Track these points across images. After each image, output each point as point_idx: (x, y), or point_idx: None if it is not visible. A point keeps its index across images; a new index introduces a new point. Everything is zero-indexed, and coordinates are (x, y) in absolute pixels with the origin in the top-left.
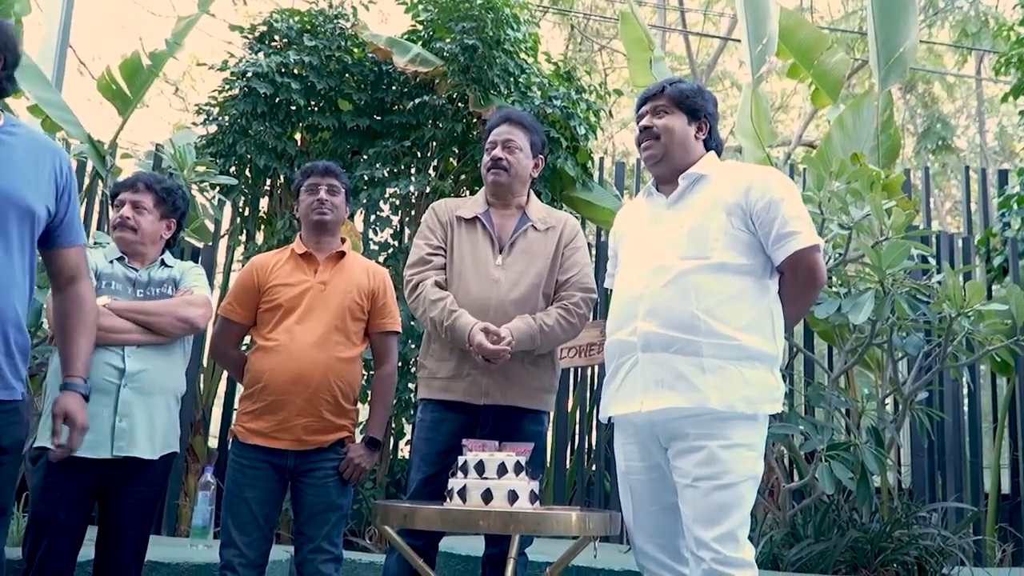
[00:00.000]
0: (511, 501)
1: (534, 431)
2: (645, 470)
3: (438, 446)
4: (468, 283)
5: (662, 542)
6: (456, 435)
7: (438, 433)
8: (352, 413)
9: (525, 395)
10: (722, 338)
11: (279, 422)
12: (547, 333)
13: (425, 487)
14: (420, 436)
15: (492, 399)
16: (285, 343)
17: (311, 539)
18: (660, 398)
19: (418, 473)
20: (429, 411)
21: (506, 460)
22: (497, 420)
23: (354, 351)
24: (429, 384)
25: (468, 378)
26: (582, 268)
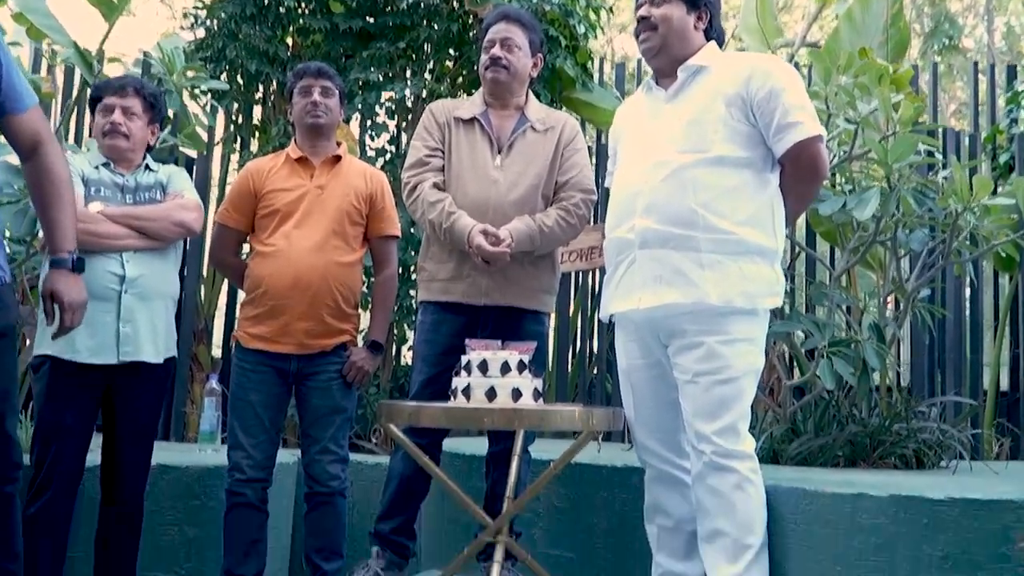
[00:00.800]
0: (515, 399)
1: (535, 331)
2: (646, 367)
3: (439, 347)
4: (466, 184)
5: (663, 437)
6: (456, 336)
7: (438, 335)
8: (353, 318)
9: (525, 295)
10: (720, 233)
11: (280, 327)
12: (547, 234)
13: (427, 388)
14: (421, 338)
15: (492, 299)
16: (283, 248)
17: (317, 441)
18: (658, 294)
19: (420, 375)
20: (429, 313)
21: (509, 359)
22: (497, 321)
23: (353, 256)
24: (428, 286)
25: (468, 279)
26: (581, 169)
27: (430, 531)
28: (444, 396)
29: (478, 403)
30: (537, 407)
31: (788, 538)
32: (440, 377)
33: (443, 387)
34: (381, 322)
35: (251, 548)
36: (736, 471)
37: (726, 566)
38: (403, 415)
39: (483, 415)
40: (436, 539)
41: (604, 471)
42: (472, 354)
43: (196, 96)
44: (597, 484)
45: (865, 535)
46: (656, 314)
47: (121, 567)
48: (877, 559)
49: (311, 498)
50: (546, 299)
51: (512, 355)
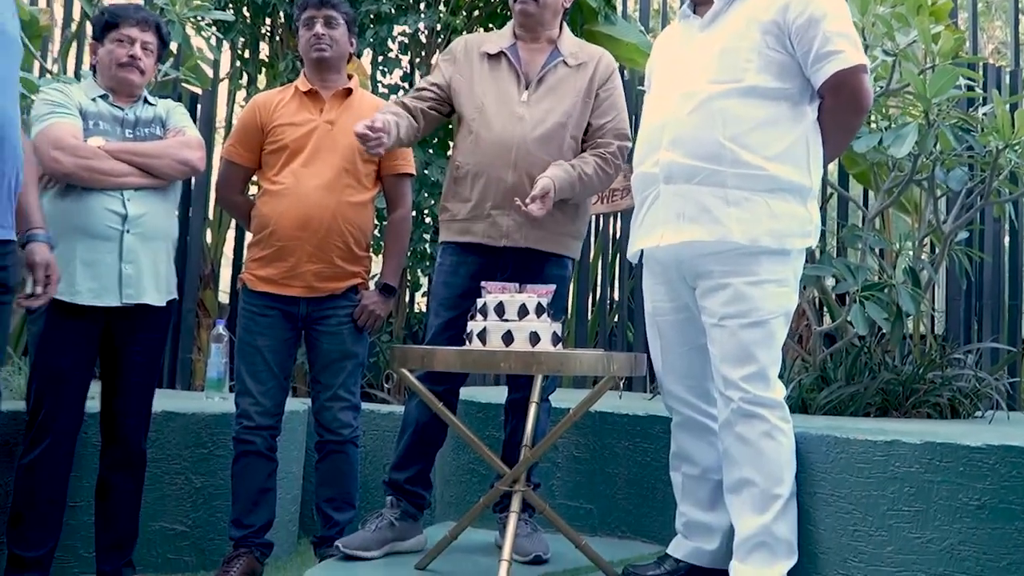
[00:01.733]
0: (532, 343)
1: (556, 275)
2: (673, 310)
3: (457, 290)
4: (490, 120)
5: (691, 383)
6: (475, 278)
7: (457, 276)
8: (365, 260)
9: (547, 238)
10: (749, 168)
11: (289, 268)
12: (585, 183)
13: (444, 333)
14: (439, 280)
15: (512, 241)
16: (291, 186)
17: (328, 387)
18: (680, 231)
19: (436, 318)
20: (448, 254)
21: (527, 302)
22: (518, 264)
23: (365, 195)
24: (449, 226)
25: (488, 219)
26: (619, 113)
27: (446, 481)
28: (461, 341)
29: (494, 347)
30: (556, 351)
31: (818, 488)
32: (457, 321)
33: (460, 332)
34: (394, 265)
35: (260, 497)
36: (765, 419)
37: (753, 516)
38: (416, 359)
39: (499, 359)
40: (452, 489)
41: (625, 419)
42: (488, 297)
43: (200, 28)
44: (618, 433)
45: (898, 484)
46: (681, 253)
47: (120, 515)
48: (911, 508)
49: (322, 447)
50: (571, 243)
51: (530, 298)
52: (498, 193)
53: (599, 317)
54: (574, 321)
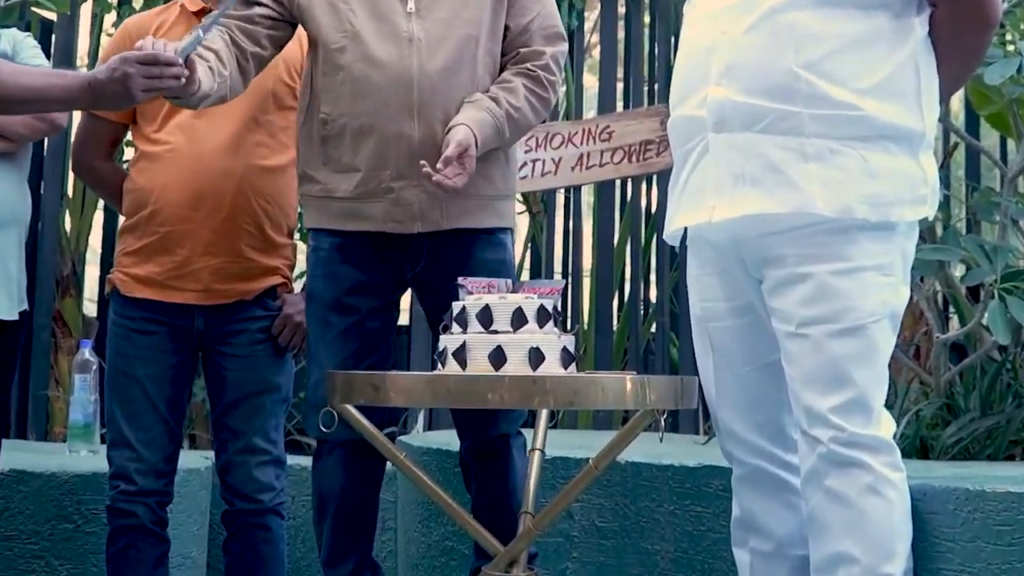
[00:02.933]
0: (534, 364)
1: (494, 261)
2: (731, 313)
3: (347, 284)
4: (368, 47)
5: (759, 419)
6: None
7: (346, 266)
8: (287, 249)
9: (476, 209)
10: (835, 107)
11: (178, 265)
12: (517, 120)
13: (343, 351)
14: (316, 273)
15: (430, 223)
16: (180, 146)
17: (238, 434)
18: (739, 200)
19: (324, 334)
20: (325, 245)
21: (524, 305)
22: (435, 253)
23: (284, 156)
24: (323, 207)
25: (389, 197)
26: (544, 6)
27: (412, 566)
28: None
29: (479, 370)
30: (568, 376)
31: (943, 561)
32: (361, 330)
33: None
34: None
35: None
36: (867, 466)
37: None
38: (365, 389)
39: (486, 388)
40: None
41: (668, 473)
42: (468, 299)
43: None
44: (658, 493)
45: None
46: (741, 232)
47: None
48: None
49: (233, 519)
50: (504, 209)
51: (529, 299)
52: (399, 156)
53: (629, 326)
54: (592, 332)
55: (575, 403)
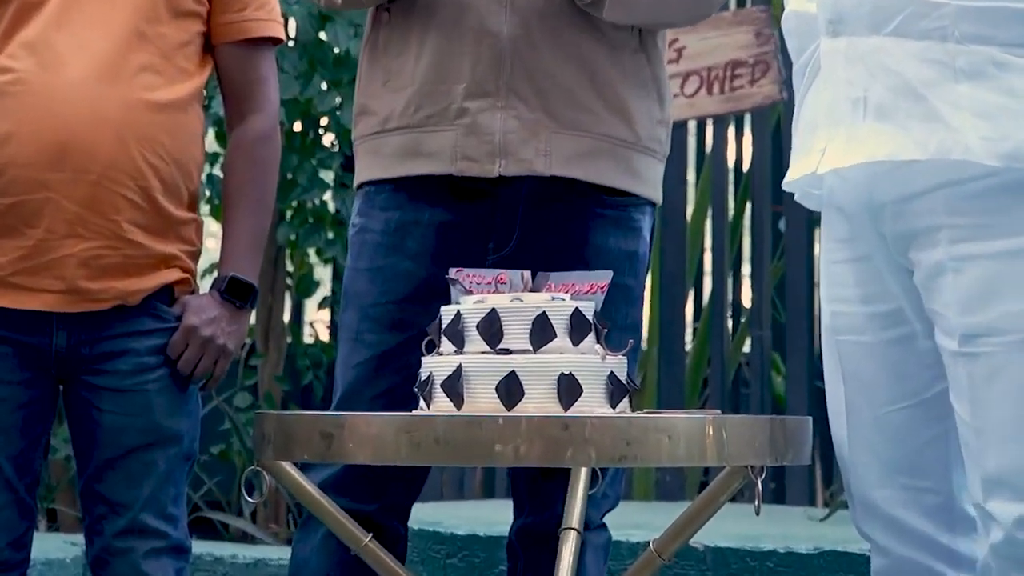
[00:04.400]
0: (567, 399)
1: (620, 250)
2: (871, 322)
3: (400, 284)
4: None
5: (915, 481)
6: (440, 258)
7: (399, 255)
8: (188, 229)
9: (598, 155)
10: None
11: (28, 253)
12: None
13: (373, 381)
14: (357, 266)
15: (521, 165)
16: (28, 75)
17: (118, 508)
18: (860, 140)
19: (356, 350)
20: (376, 209)
21: (550, 309)
22: (532, 220)
23: (184, 86)
24: (375, 148)
25: (461, 122)
26: None
27: None
28: (410, 399)
29: (482, 409)
30: (618, 417)
31: None
32: (401, 354)
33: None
34: (250, 238)
35: None
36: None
37: None
38: (311, 445)
39: (493, 436)
40: None
41: (771, 563)
42: (464, 301)
43: None
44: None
45: None
46: (875, 189)
47: None
48: None
49: None
50: (645, 167)
51: (556, 302)
52: (479, 56)
53: (709, 342)
54: (654, 351)
55: (628, 458)
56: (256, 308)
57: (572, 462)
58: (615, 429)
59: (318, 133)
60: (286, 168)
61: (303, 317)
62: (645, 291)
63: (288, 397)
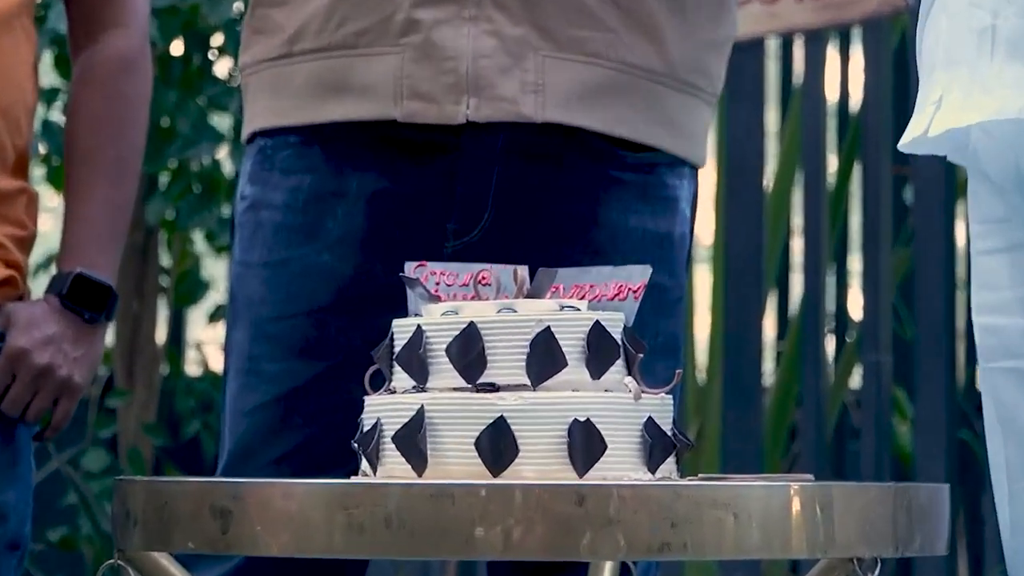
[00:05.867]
0: (583, 461)
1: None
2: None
3: (316, 288)
4: None
5: None
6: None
7: (313, 244)
8: (13, 203)
9: (608, 91)
10: None
11: None
12: None
13: (278, 436)
14: (250, 262)
15: (499, 106)
16: None
17: None
18: (985, 88)
19: (249, 393)
20: (278, 173)
21: (556, 324)
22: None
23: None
24: (275, 81)
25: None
26: None
27: None
28: (331, 460)
29: (452, 475)
30: (661, 484)
31: None
32: (319, 392)
33: (328, 429)
34: (105, 216)
35: None
36: None
37: None
38: (195, 527)
39: (473, 515)
40: None
41: None
42: (429, 312)
43: None
44: None
45: None
46: (1021, 150)
47: None
48: None
49: None
50: (688, 114)
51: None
52: None
53: (799, 371)
54: (716, 387)
55: (675, 547)
56: (116, 322)
57: (591, 554)
58: (655, 505)
59: (207, 58)
60: (160, 111)
61: (184, 336)
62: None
63: (164, 456)
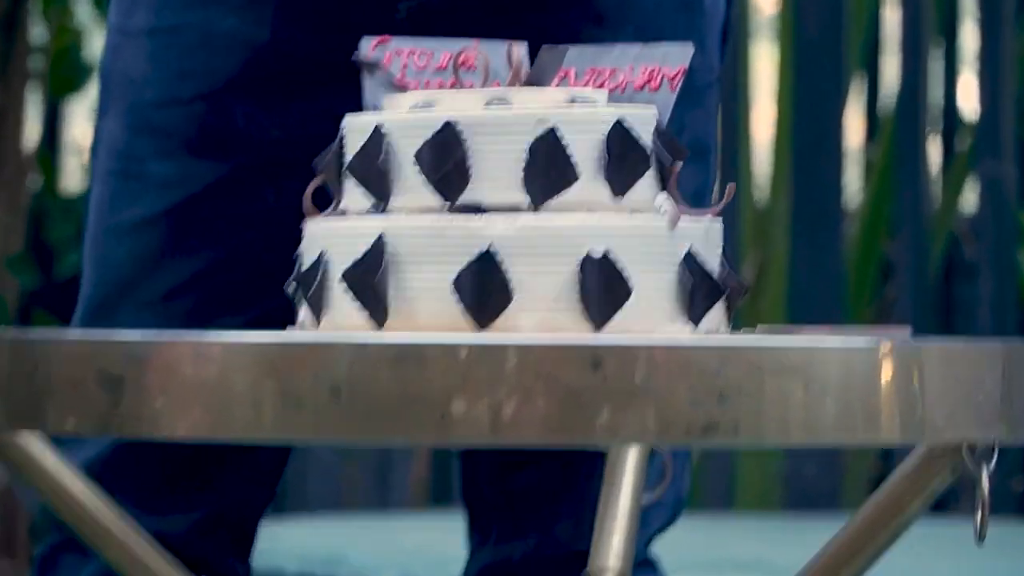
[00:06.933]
0: (600, 308)
1: None
2: None
3: (220, 62)
4: None
5: None
6: (306, 16)
7: (215, 4)
8: None
9: None
10: None
11: None
12: None
13: (168, 268)
14: (129, 29)
15: None
16: None
17: None
18: None
19: (126, 203)
20: None
21: (564, 125)
22: None
23: None
24: None
25: None
26: None
27: None
28: (250, 286)
29: (422, 326)
30: (705, 343)
31: None
32: (228, 206)
33: (240, 259)
34: None
35: None
36: None
37: None
38: (77, 398)
39: (450, 382)
40: None
41: None
42: (392, 103)
43: None
44: None
45: None
46: None
47: None
48: None
49: None
50: None
51: (580, 107)
52: None
53: (895, 180)
54: (782, 210)
55: (722, 429)
56: None
57: (610, 436)
58: (697, 370)
59: None
60: None
61: (61, 137)
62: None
63: (35, 300)
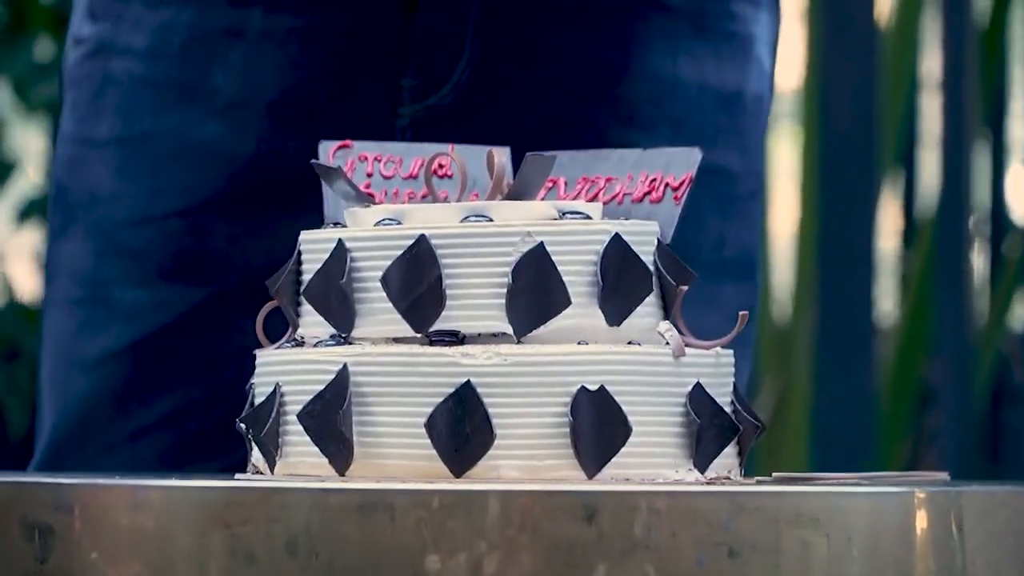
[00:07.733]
0: (595, 452)
1: (709, 92)
2: None
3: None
4: None
5: None
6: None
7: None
8: None
9: None
10: None
11: None
12: None
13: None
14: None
15: None
16: None
17: None
18: None
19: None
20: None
21: (552, 242)
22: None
23: None
24: None
25: None
26: None
27: None
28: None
29: (390, 472)
30: (715, 490)
31: None
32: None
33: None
34: None
35: None
36: None
37: None
38: None
39: (424, 536)
40: None
41: None
42: (356, 216)
43: None
44: None
45: None
46: None
47: None
48: None
49: None
50: None
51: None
52: None
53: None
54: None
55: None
56: None
57: None
58: (705, 522)
59: None
60: None
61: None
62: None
63: None
